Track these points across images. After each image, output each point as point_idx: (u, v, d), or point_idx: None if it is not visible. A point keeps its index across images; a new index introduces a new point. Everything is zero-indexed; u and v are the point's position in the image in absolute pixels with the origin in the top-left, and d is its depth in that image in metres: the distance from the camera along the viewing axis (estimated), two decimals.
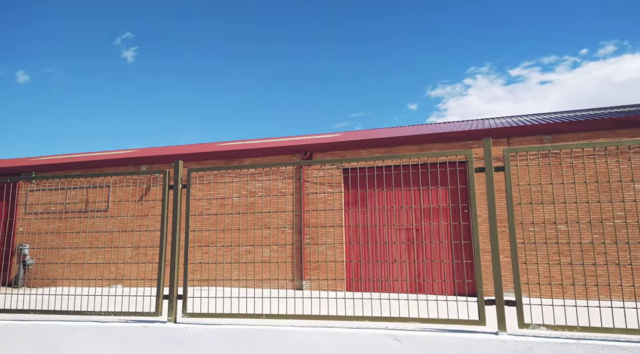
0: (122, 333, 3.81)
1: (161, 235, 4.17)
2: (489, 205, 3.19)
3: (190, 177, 4.24)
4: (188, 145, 17.82)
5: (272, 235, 11.62)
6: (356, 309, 3.88)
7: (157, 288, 4.05)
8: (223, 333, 3.60)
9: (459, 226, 9.98)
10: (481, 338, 3.18)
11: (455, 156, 4.06)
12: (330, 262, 10.87)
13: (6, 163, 14.87)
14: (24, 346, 3.91)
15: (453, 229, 10.23)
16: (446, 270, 10.15)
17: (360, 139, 11.37)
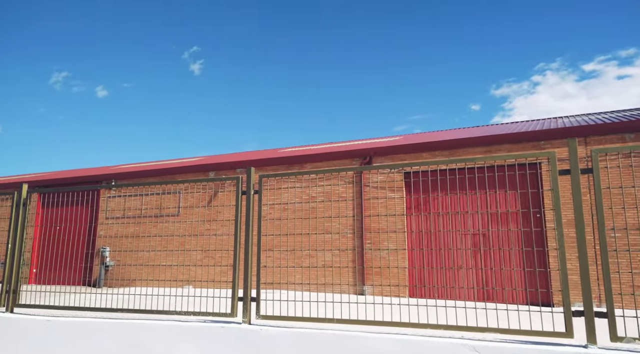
0: (202, 332, 4.00)
1: (235, 239, 4.34)
2: (576, 209, 3.00)
3: (261, 183, 4.38)
4: (250, 152, 18.41)
5: (333, 239, 11.67)
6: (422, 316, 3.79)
7: (232, 290, 4.21)
8: (296, 336, 3.66)
9: (530, 232, 9.44)
10: (569, 352, 2.99)
11: (525, 158, 3.86)
12: (393, 268, 10.71)
13: (89, 172, 16.21)
14: (113, 342, 4.22)
15: (524, 236, 9.70)
16: (516, 278, 9.62)
17: (421, 141, 11.13)
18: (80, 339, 4.29)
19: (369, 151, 11.65)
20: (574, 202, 3.00)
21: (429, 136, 13.15)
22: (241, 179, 4.44)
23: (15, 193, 4.90)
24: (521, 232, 9.47)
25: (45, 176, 17.25)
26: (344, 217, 11.27)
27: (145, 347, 4.10)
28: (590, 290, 3.08)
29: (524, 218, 9.91)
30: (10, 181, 17.45)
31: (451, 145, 10.66)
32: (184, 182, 4.84)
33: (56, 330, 4.37)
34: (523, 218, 9.92)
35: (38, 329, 4.42)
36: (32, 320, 4.49)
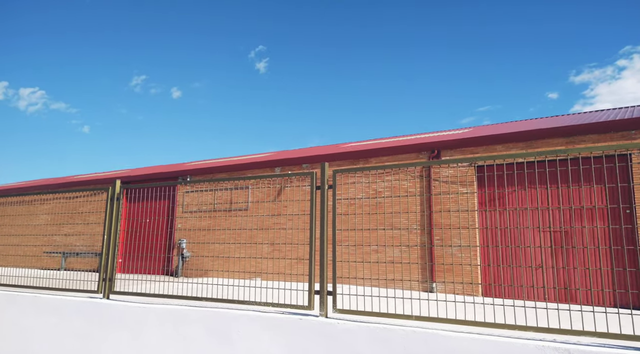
0: (280, 323, 4.11)
1: (310, 233, 4.40)
2: None
3: (335, 178, 4.39)
4: (314, 147, 18.60)
5: (400, 235, 11.49)
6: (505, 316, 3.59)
7: (308, 284, 4.29)
8: (374, 331, 3.64)
9: (618, 229, 8.66)
10: None
11: (615, 150, 3.52)
12: (465, 266, 10.33)
13: (167, 168, 17.27)
14: (198, 329, 4.47)
15: (612, 233, 8.92)
16: (602, 278, 8.88)
17: (495, 133, 10.60)
18: (169, 325, 4.59)
19: (437, 144, 11.30)
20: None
21: (502, 127, 12.48)
22: (315, 174, 4.49)
23: (110, 188, 5.33)
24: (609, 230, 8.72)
25: (129, 172, 18.65)
26: (411, 213, 11.05)
27: (228, 335, 4.30)
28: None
29: (612, 214, 9.11)
30: (98, 177, 19.07)
31: (528, 136, 10.04)
32: (257, 178, 4.99)
33: (148, 316, 4.71)
34: (610, 214, 9.12)
35: (132, 314, 4.79)
36: (126, 306, 4.87)
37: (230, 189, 13.98)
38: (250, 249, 13.54)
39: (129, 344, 4.73)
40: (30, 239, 8.15)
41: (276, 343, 4.07)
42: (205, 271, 13.18)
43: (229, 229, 13.10)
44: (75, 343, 5.03)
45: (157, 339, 4.60)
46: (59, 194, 13.92)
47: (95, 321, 4.98)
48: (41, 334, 5.28)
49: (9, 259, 7.07)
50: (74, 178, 20.69)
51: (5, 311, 5.67)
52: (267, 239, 12.96)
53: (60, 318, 5.18)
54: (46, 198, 13.22)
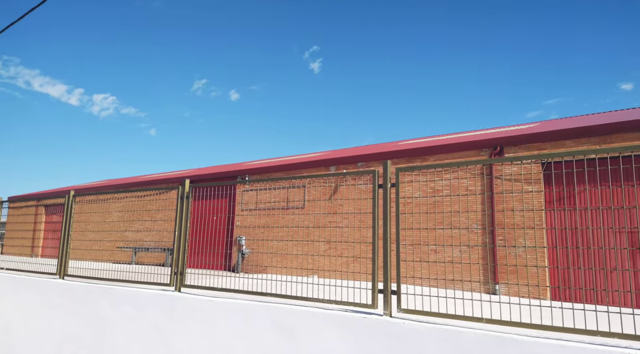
0: (344, 320, 4.13)
1: (373, 232, 4.38)
2: None
3: (398, 176, 4.34)
4: (369, 145, 18.48)
5: (460, 235, 11.14)
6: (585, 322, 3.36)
7: (372, 282, 4.27)
8: (442, 332, 3.56)
9: None
10: None
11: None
12: (531, 267, 9.83)
13: (226, 168, 17.91)
14: (264, 324, 4.59)
15: None
16: None
17: (564, 128, 9.98)
18: (236, 318, 4.76)
19: (500, 140, 10.82)
20: None
21: (572, 121, 11.73)
22: (377, 172, 4.46)
23: (179, 187, 5.61)
24: None
25: (191, 172, 19.54)
26: (472, 212, 10.68)
27: (293, 330, 4.39)
28: None
29: None
30: (164, 177, 20.14)
31: (603, 130, 9.35)
32: (314, 177, 5.04)
33: (216, 308, 4.92)
34: None
35: (202, 307, 5.02)
36: (196, 299, 5.11)
37: (286, 188, 14.24)
38: (307, 246, 13.71)
39: (200, 335, 4.96)
40: (105, 235, 8.77)
41: (340, 340, 4.09)
42: (263, 267, 13.53)
43: (285, 226, 13.35)
44: (151, 333, 5.35)
45: (226, 332, 4.78)
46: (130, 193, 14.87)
47: (168, 313, 5.27)
48: (119, 324, 5.67)
49: (88, 254, 7.65)
50: (143, 178, 22.02)
51: (87, 302, 6.15)
52: (323, 237, 13.06)
53: (137, 309, 5.54)
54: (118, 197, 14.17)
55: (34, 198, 7.05)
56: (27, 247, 13.75)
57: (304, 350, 4.27)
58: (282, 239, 11.06)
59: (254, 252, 14.35)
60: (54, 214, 21.41)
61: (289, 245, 13.49)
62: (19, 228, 13.80)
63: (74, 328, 6.17)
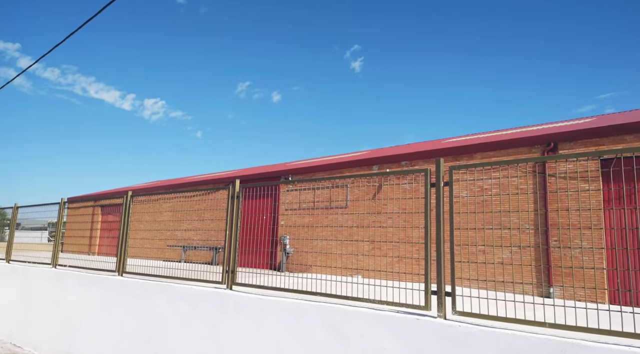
0: (396, 322, 4.08)
1: (425, 232, 4.30)
2: None
3: (452, 175, 4.24)
4: (412, 144, 18.19)
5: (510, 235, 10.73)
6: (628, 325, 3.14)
7: (425, 284, 4.19)
8: (502, 337, 3.44)
9: None
10: None
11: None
12: (588, 270, 9.32)
13: (270, 168, 18.19)
14: (314, 323, 4.62)
15: None
16: None
17: (624, 122, 9.39)
18: (285, 316, 4.81)
19: (554, 136, 10.34)
20: None
21: (632, 115, 11.02)
22: (429, 171, 4.37)
23: (230, 187, 5.75)
24: None
25: (237, 173, 20.00)
26: (524, 211, 10.26)
27: (343, 330, 4.38)
28: None
29: None
30: (211, 177, 20.72)
31: None
32: (362, 177, 4.99)
33: (266, 306, 5.00)
34: None
35: (253, 305, 5.12)
36: (247, 297, 5.22)
37: (329, 188, 14.27)
38: (350, 246, 13.69)
39: (251, 332, 5.06)
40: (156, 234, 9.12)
41: (392, 341, 4.05)
42: (307, 266, 13.62)
43: (328, 226, 13.39)
44: (204, 329, 5.52)
45: (276, 329, 4.85)
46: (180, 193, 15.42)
47: (220, 309, 5.41)
48: (175, 319, 5.88)
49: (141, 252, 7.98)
50: (191, 179, 22.78)
51: (144, 298, 6.42)
52: (366, 236, 12.99)
53: (191, 306, 5.73)
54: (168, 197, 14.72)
55: (91, 199, 7.45)
56: (85, 246, 14.56)
57: (354, 349, 4.25)
58: (325, 239, 11.08)
59: (298, 251, 14.49)
60: (110, 214, 22.56)
61: (332, 244, 13.51)
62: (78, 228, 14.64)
63: (132, 323, 6.47)
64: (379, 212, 13.23)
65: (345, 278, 10.18)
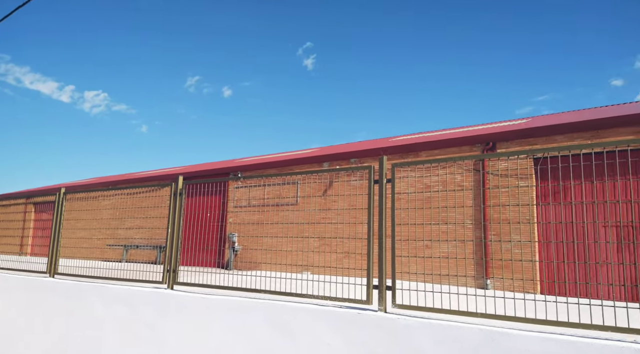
0: (339, 316, 4.13)
1: (368, 228, 4.37)
2: None
3: (394, 172, 4.33)
4: (362, 142, 18.48)
5: (450, 230, 11.20)
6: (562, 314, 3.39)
7: (367, 278, 4.27)
8: (437, 328, 3.57)
9: None
10: None
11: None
12: (521, 262, 9.92)
13: (219, 165, 17.81)
14: (259, 320, 4.57)
15: None
16: None
17: (556, 123, 10.06)
18: (230, 315, 4.73)
19: (492, 135, 10.88)
20: None
21: (564, 117, 11.82)
22: (373, 168, 4.44)
23: (173, 184, 5.55)
24: None
25: (184, 169, 19.40)
26: (462, 207, 10.73)
27: (288, 326, 4.37)
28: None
29: None
30: (157, 174, 19.97)
31: (593, 126, 9.44)
32: (308, 173, 5.01)
33: (210, 305, 4.89)
34: None
35: (195, 304, 4.99)
36: (189, 296, 5.07)
37: (279, 185, 14.20)
38: (299, 243, 13.71)
39: (193, 332, 4.92)
40: (95, 232, 8.67)
41: (335, 335, 4.09)
42: (256, 264, 13.49)
43: (278, 223, 13.34)
44: (144, 331, 5.30)
45: (221, 329, 4.76)
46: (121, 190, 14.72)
47: (161, 311, 5.23)
48: (111, 323, 5.61)
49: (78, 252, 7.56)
50: (134, 175, 21.82)
51: (78, 301, 6.07)
52: (316, 233, 13.05)
53: (129, 307, 5.49)
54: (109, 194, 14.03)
55: (23, 196, 6.94)
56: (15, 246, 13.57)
57: (299, 346, 4.26)
58: (274, 236, 11.02)
59: (246, 249, 14.31)
60: (44, 212, 21.16)
61: (282, 242, 13.46)
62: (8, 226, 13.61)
63: (65, 328, 6.10)
64: (328, 209, 13.34)
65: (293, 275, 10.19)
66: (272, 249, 12.51)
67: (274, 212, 14.08)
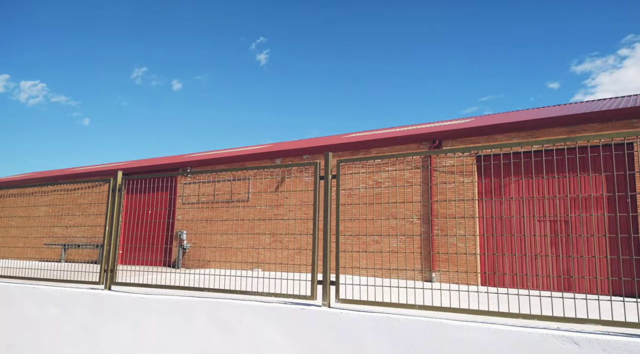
0: (282, 313, 4.11)
1: (313, 224, 4.39)
2: None
3: (339, 168, 4.37)
4: (314, 139, 18.54)
5: (399, 225, 11.50)
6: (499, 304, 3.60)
7: (311, 274, 4.28)
8: (378, 321, 3.65)
9: (617, 218, 8.67)
10: None
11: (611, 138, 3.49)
12: (463, 255, 10.36)
13: (167, 160, 17.23)
14: (200, 320, 4.47)
15: (610, 222, 8.94)
16: (603, 267, 8.92)
17: (496, 123, 10.56)
18: (171, 315, 4.59)
19: (439, 134, 11.26)
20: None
21: (503, 117, 12.44)
22: (319, 164, 4.46)
23: (111, 180, 5.30)
24: (606, 218, 8.73)
25: (129, 164, 18.60)
26: (410, 203, 11.05)
27: (231, 325, 4.30)
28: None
29: (611, 204, 9.12)
30: (98, 169, 19.01)
31: (530, 126, 10.00)
32: (258, 169, 4.95)
33: (149, 306, 4.71)
34: (610, 204, 9.12)
35: (133, 305, 4.79)
36: (128, 297, 4.87)
37: (230, 181, 13.96)
38: (251, 240, 13.57)
39: (131, 334, 4.73)
40: (30, 231, 8.14)
41: (279, 332, 4.07)
42: (205, 262, 13.21)
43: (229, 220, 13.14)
44: (78, 334, 5.04)
45: (159, 330, 4.60)
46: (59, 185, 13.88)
47: (97, 312, 4.98)
48: (44, 326, 5.28)
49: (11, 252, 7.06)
50: (74, 170, 20.65)
51: (8, 304, 5.67)
52: (267, 230, 12.97)
53: (62, 309, 5.19)
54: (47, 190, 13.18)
55: None
56: None
57: (241, 344, 4.20)
58: (225, 233, 10.84)
59: (196, 246, 13.98)
60: None
61: (233, 239, 13.26)
62: None
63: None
64: (279, 205, 13.28)
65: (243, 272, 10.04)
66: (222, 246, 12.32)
67: (225, 209, 13.84)
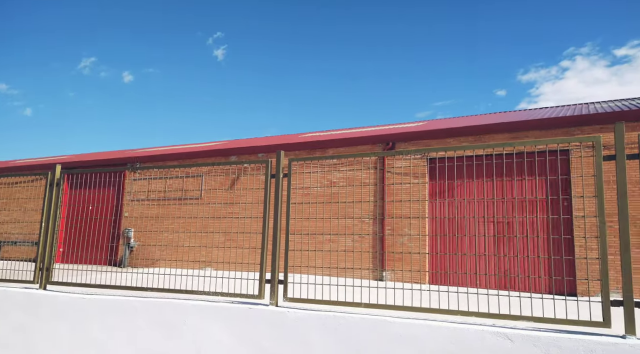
0: (229, 312, 4.05)
1: (263, 223, 4.35)
2: (620, 197, 2.88)
3: (291, 167, 4.35)
4: (271, 137, 18.42)
5: (353, 225, 11.66)
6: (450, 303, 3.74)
7: (259, 273, 4.24)
8: (323, 319, 3.67)
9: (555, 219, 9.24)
10: (606, 341, 2.92)
11: (557, 144, 3.72)
12: (414, 254, 10.65)
13: (115, 154, 16.49)
14: (142, 320, 4.31)
15: (550, 223, 9.50)
16: (539, 267, 9.47)
17: (447, 127, 10.94)
18: (113, 316, 4.40)
19: (392, 136, 11.51)
20: (618, 190, 2.89)
21: (454, 122, 12.90)
22: (270, 162, 4.42)
23: (49, 173, 5.00)
24: (546, 220, 9.27)
25: (73, 158, 17.65)
26: (365, 202, 11.22)
27: (176, 326, 4.18)
28: (631, 279, 2.98)
29: (550, 206, 9.70)
30: (40, 162, 17.91)
31: (478, 130, 10.44)
32: (210, 165, 4.85)
33: (90, 307, 4.49)
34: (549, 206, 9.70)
35: (71, 305, 4.55)
36: (65, 297, 4.62)
37: (182, 177, 13.57)
38: (203, 238, 13.25)
39: (68, 336, 4.49)
40: None
41: (226, 332, 4.01)
42: (153, 261, 12.79)
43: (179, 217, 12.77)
44: (12, 337, 4.72)
45: (99, 331, 4.40)
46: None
47: (31, 313, 4.69)
48: None
49: None
50: (13, 163, 19.33)
51: None
52: (220, 228, 12.71)
53: None
54: None
55: None
56: None
57: (186, 345, 4.10)
58: (175, 231, 10.51)
59: (144, 245, 13.49)
60: None
61: (183, 237, 12.90)
62: None
63: None
64: (233, 203, 13.07)
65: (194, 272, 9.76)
66: (171, 245, 11.95)
67: (176, 206, 13.44)
